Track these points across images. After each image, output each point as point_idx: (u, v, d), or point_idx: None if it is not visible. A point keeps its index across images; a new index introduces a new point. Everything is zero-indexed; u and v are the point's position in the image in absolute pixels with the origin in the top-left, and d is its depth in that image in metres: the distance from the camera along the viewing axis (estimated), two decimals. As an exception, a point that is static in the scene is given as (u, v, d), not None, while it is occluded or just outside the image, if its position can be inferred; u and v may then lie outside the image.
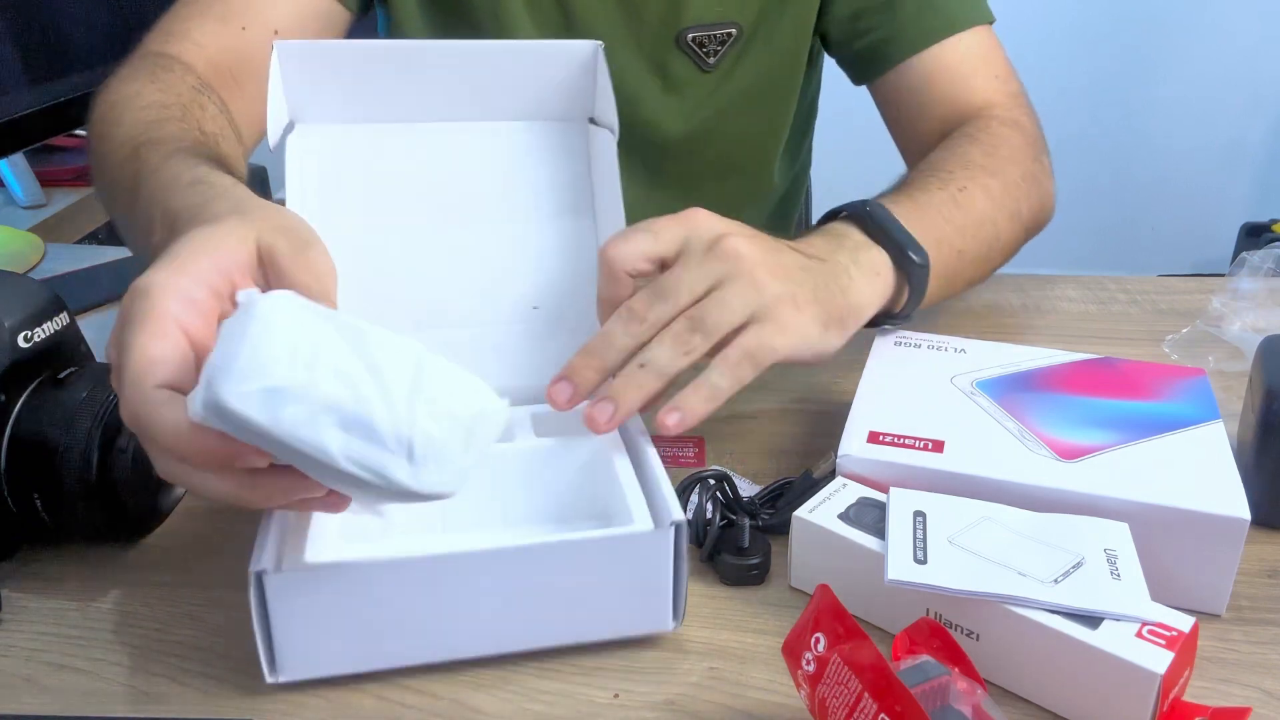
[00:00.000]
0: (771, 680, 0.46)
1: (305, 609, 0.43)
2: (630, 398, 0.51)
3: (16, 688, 0.46)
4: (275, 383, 0.35)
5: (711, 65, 0.86)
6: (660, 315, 0.52)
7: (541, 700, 0.45)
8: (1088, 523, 0.47)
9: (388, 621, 0.44)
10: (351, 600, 0.43)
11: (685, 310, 0.52)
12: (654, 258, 0.53)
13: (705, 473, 0.54)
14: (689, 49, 0.85)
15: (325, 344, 0.36)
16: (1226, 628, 0.49)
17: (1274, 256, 0.81)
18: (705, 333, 0.51)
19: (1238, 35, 2.48)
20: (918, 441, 0.53)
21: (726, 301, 0.51)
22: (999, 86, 0.82)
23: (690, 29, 0.84)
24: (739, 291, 0.52)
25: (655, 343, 0.51)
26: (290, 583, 0.42)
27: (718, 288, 0.52)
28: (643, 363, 0.51)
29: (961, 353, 0.61)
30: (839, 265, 0.59)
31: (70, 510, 0.51)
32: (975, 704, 0.38)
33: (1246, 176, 2.62)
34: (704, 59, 0.85)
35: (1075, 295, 0.84)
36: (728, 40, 0.85)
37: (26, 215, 1.16)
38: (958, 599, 0.45)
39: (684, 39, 0.84)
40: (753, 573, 0.52)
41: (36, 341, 0.52)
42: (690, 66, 0.86)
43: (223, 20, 0.76)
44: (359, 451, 0.36)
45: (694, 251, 0.53)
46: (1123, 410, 0.55)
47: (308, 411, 0.36)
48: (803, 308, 0.54)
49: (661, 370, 0.51)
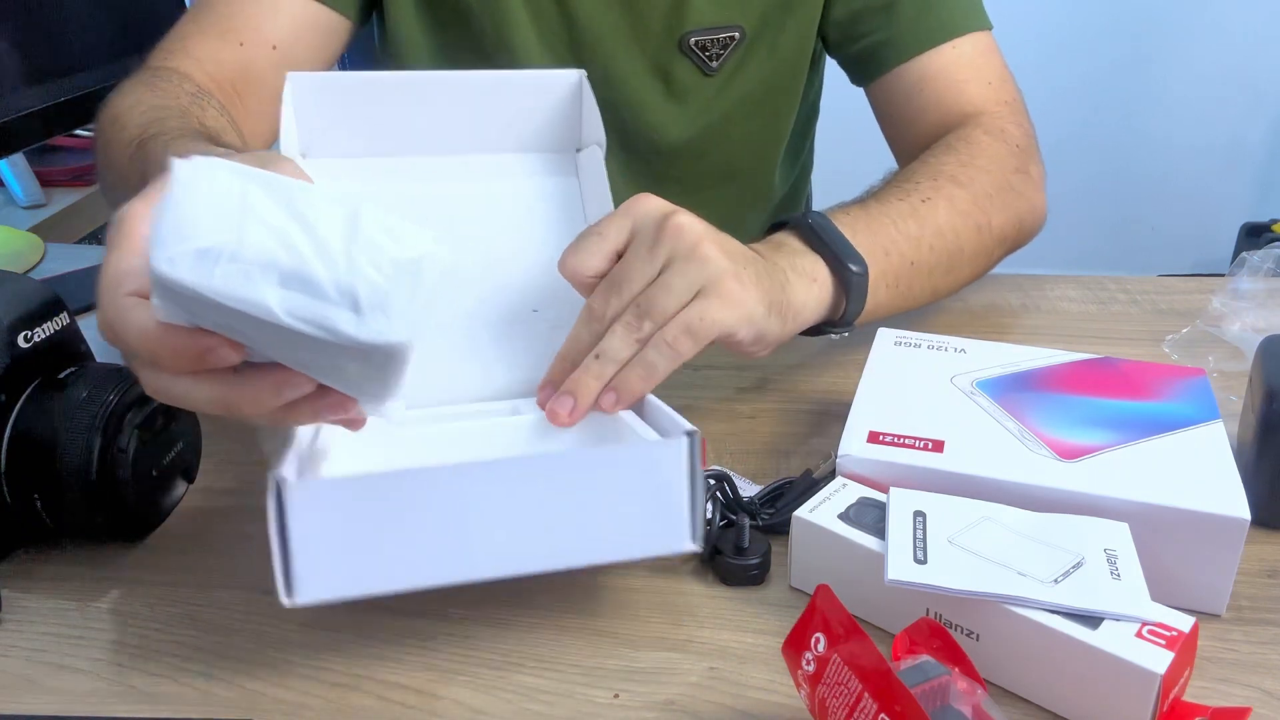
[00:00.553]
0: (771, 680, 0.46)
1: (324, 522, 0.42)
2: (589, 389, 0.52)
3: (17, 688, 0.46)
4: (204, 244, 0.34)
5: (714, 69, 0.86)
6: (615, 309, 0.53)
7: (541, 700, 0.45)
8: (1088, 523, 0.47)
9: (406, 537, 0.43)
10: (370, 512, 0.43)
11: None
12: (608, 256, 0.55)
13: (705, 472, 0.54)
14: (692, 53, 0.85)
15: (254, 202, 0.35)
16: (1226, 628, 0.49)
17: (1274, 256, 0.81)
18: (653, 318, 0.52)
19: (1238, 35, 2.48)
20: (918, 441, 0.53)
21: (671, 285, 0.53)
22: (991, 94, 0.82)
23: (693, 32, 0.84)
24: (683, 270, 0.53)
25: (608, 334, 0.53)
26: (311, 493, 0.42)
27: (665, 269, 0.53)
28: (597, 354, 0.52)
29: (961, 353, 0.61)
30: (777, 266, 0.60)
31: (70, 510, 0.51)
32: (975, 704, 0.38)
33: (1246, 176, 2.62)
34: (707, 63, 0.85)
35: (1075, 295, 0.84)
36: (730, 44, 0.85)
37: (26, 215, 1.16)
38: (958, 599, 0.45)
39: (686, 42, 0.84)
40: (752, 573, 0.52)
41: (36, 341, 0.52)
42: (693, 70, 0.86)
43: (221, 37, 0.77)
44: (300, 306, 0.35)
45: (642, 238, 0.54)
46: (1123, 410, 0.55)
47: (241, 270, 0.35)
48: (747, 284, 0.55)
49: (615, 359, 0.52)
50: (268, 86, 0.77)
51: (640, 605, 0.51)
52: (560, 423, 0.52)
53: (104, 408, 0.50)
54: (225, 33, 0.77)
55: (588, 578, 0.53)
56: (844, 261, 0.62)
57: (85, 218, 1.22)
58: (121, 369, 0.53)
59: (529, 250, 0.62)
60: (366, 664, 0.47)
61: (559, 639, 0.49)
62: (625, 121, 0.88)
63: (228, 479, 0.61)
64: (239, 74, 0.77)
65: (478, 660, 0.48)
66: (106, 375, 0.52)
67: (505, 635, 0.49)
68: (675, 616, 0.50)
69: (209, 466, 0.59)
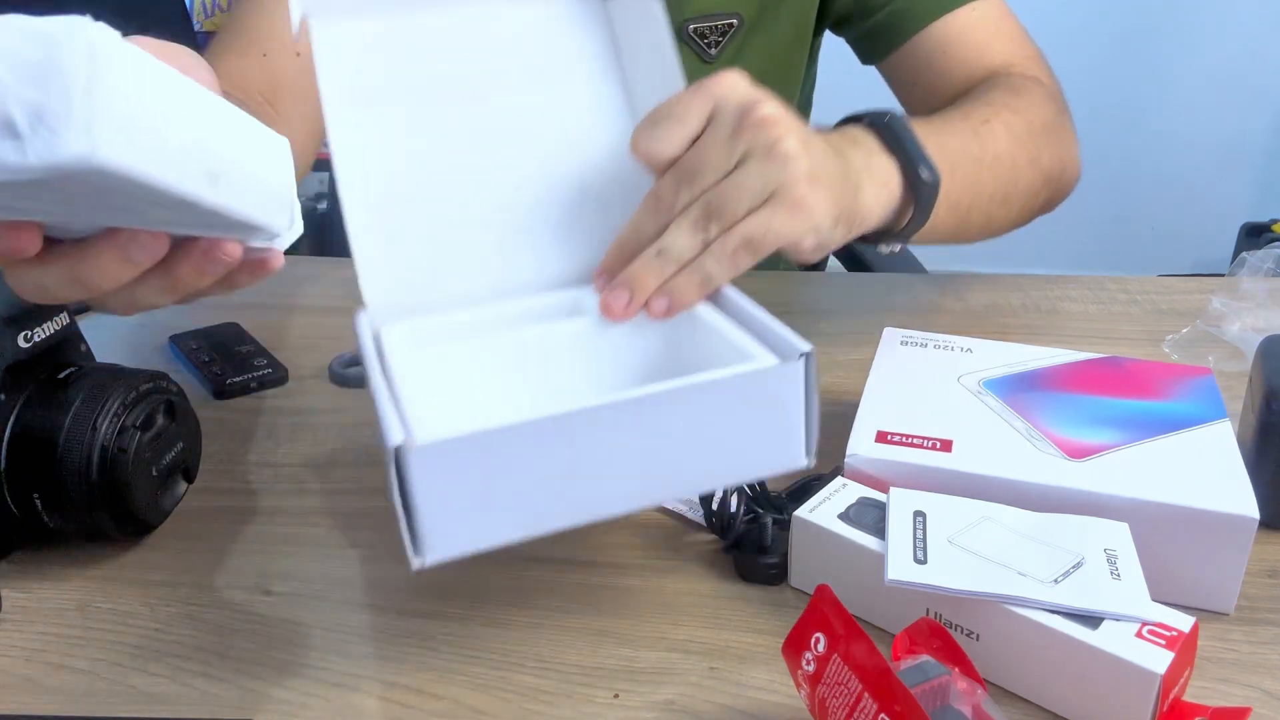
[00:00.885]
0: (771, 680, 0.46)
1: (445, 482, 0.41)
2: (646, 285, 0.50)
3: (16, 687, 0.46)
4: None
5: (713, 56, 0.86)
6: (685, 200, 0.50)
7: (541, 700, 0.45)
8: (1088, 523, 0.47)
9: (527, 485, 0.43)
10: (489, 466, 0.42)
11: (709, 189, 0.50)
12: (687, 140, 0.51)
13: None
14: (691, 40, 0.85)
15: None
16: (1227, 628, 0.49)
17: (1274, 256, 0.81)
18: (721, 219, 0.49)
19: (1238, 34, 2.48)
20: (926, 441, 0.53)
21: (744, 184, 0.50)
22: (1016, 49, 0.82)
23: (692, 20, 0.84)
24: (761, 169, 0.50)
25: (673, 227, 0.50)
26: (429, 456, 0.40)
27: (742, 162, 0.50)
28: (660, 250, 0.49)
29: (968, 352, 0.61)
30: (853, 166, 0.57)
31: (70, 510, 0.51)
32: (975, 704, 0.38)
33: (1246, 176, 2.62)
34: (705, 50, 0.85)
35: (1075, 295, 0.84)
36: (729, 31, 0.85)
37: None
38: (958, 599, 0.45)
39: (686, 31, 0.84)
40: (772, 571, 0.52)
41: (37, 341, 0.52)
42: (692, 58, 0.86)
43: (243, 53, 0.77)
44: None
45: (722, 124, 0.51)
46: (1130, 409, 0.55)
47: None
48: (820, 191, 0.51)
49: (679, 258, 0.49)
50: (297, 91, 0.77)
51: (640, 605, 0.51)
52: (614, 316, 0.50)
53: (104, 408, 0.50)
54: (248, 47, 0.77)
55: (588, 577, 0.53)
56: (918, 169, 0.60)
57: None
58: (121, 369, 0.53)
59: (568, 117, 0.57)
60: (366, 664, 0.47)
61: (559, 639, 0.49)
62: None
63: (228, 479, 0.61)
64: (267, 84, 0.77)
65: (478, 660, 0.48)
66: (107, 376, 0.52)
67: (505, 635, 0.49)
68: (675, 616, 0.50)
69: (209, 466, 0.59)
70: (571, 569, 0.53)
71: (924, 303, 0.83)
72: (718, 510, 0.53)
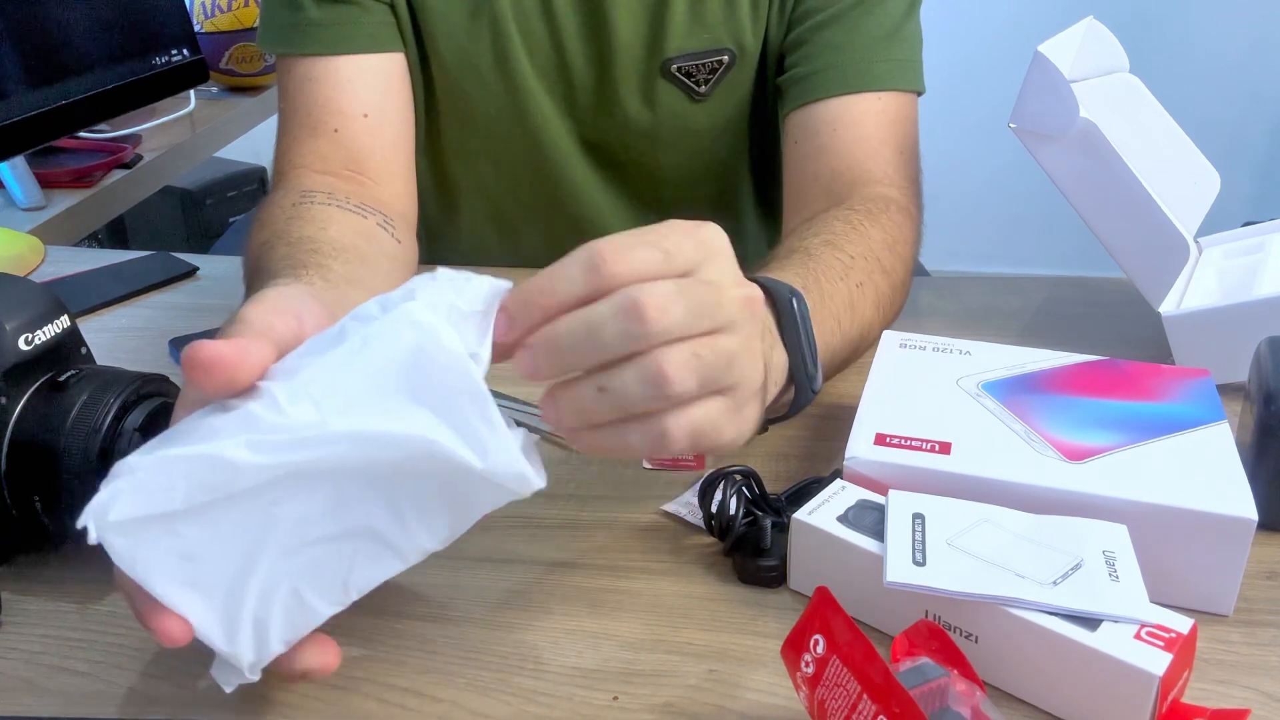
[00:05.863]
0: (770, 682, 0.46)
1: None
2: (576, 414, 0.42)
3: (16, 690, 0.46)
4: None
5: (703, 94, 0.85)
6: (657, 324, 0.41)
7: (540, 702, 0.45)
8: (1086, 525, 0.47)
9: None
10: None
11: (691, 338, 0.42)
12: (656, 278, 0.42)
13: (732, 468, 0.54)
14: (676, 79, 0.84)
15: None
16: (1226, 629, 0.49)
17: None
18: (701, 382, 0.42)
19: (1238, 35, 2.48)
20: (925, 443, 0.53)
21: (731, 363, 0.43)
22: (901, 165, 0.79)
23: (675, 59, 0.83)
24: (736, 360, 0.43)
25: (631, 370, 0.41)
26: None
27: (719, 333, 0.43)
28: (604, 387, 0.41)
29: (966, 354, 0.61)
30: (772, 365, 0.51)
31: (70, 513, 0.51)
32: (974, 706, 0.38)
33: (1246, 176, 2.62)
34: (694, 89, 0.85)
35: (1074, 295, 0.84)
36: (719, 68, 0.84)
37: (26, 217, 1.15)
38: (956, 601, 0.45)
39: (669, 69, 0.84)
40: (771, 574, 0.52)
41: (37, 344, 0.52)
42: (680, 97, 0.85)
43: (315, 134, 0.78)
44: None
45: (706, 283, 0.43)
46: (1129, 411, 0.55)
47: None
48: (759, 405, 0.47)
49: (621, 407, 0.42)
50: (380, 153, 0.79)
51: (639, 608, 0.51)
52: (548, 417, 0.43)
53: (105, 411, 0.50)
54: (316, 127, 0.78)
55: (587, 580, 0.53)
56: (810, 383, 0.55)
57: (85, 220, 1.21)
58: (122, 372, 0.53)
59: None
60: (366, 666, 0.48)
61: (558, 641, 0.49)
62: (616, 149, 0.88)
63: (228, 481, 0.61)
64: (348, 157, 0.78)
65: (477, 662, 0.48)
66: (107, 378, 0.52)
67: (505, 637, 0.49)
68: (674, 619, 0.50)
69: (209, 469, 0.59)
70: (570, 572, 0.53)
71: (922, 305, 0.83)
72: (717, 513, 0.53)
